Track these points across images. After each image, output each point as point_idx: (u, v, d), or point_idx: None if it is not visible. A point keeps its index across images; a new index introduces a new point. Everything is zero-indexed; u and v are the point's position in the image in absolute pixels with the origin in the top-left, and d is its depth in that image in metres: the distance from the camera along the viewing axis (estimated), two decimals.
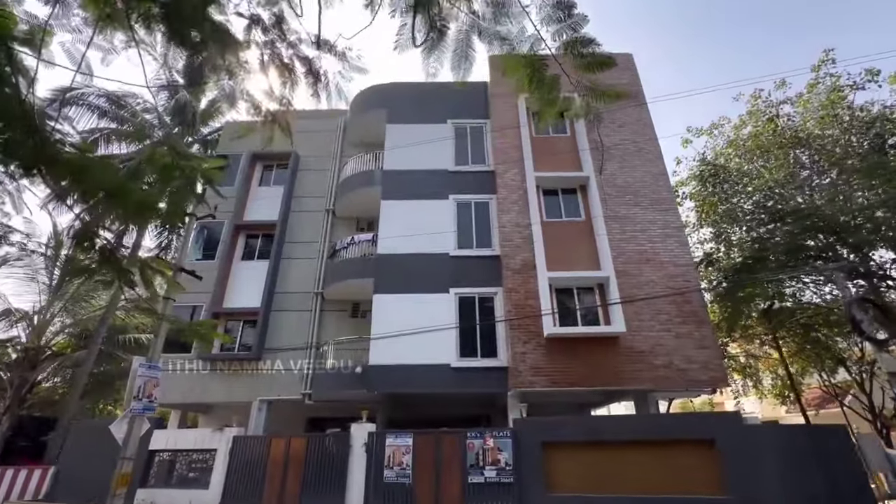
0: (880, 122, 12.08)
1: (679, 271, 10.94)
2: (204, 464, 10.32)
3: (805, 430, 7.74)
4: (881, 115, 12.21)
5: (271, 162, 15.55)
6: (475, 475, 8.23)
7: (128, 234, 9.72)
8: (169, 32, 4.11)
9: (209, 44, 4.19)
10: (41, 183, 5.29)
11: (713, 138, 16.13)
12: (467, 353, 10.74)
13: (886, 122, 12.20)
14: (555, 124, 4.29)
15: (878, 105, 12.58)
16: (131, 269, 5.73)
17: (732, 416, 8.04)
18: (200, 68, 4.74)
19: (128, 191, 4.74)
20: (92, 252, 5.92)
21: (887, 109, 12.44)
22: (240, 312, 12.62)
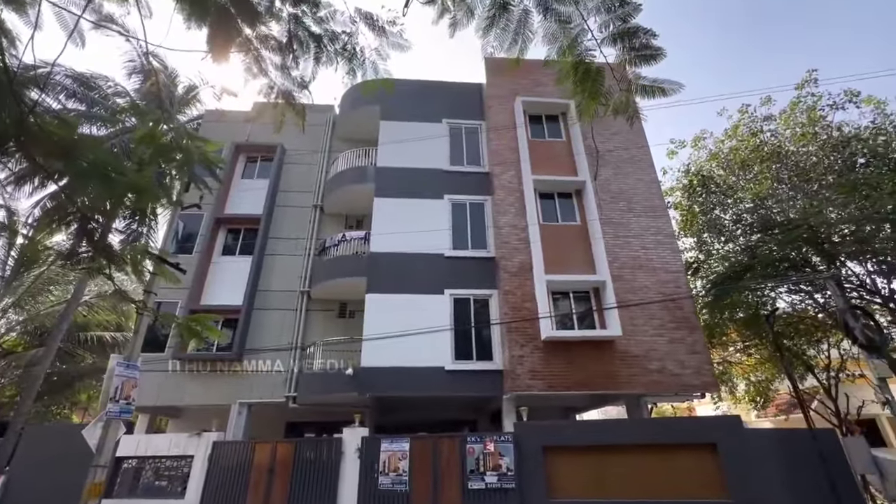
0: (854, 142, 12.76)
1: (671, 277, 11.12)
2: (177, 471, 9.63)
3: (800, 433, 7.94)
4: (855, 136, 12.91)
5: (255, 154, 14.90)
6: (475, 481, 7.99)
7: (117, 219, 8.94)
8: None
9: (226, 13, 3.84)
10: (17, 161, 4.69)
11: (697, 150, 16.68)
12: (462, 355, 10.53)
13: (858, 143, 12.91)
14: (590, 118, 4.15)
15: (852, 126, 13.32)
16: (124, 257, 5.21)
17: (733, 420, 8.16)
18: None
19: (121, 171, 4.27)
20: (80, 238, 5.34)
21: (859, 130, 13.17)
22: (219, 310, 11.90)
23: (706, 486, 7.44)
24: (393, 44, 4.00)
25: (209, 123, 15.25)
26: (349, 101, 14.52)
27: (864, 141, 12.75)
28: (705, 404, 20.06)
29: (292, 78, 4.75)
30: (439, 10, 3.70)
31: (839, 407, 14.45)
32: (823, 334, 14.74)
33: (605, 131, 12.92)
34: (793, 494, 7.29)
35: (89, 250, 5.25)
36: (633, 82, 3.88)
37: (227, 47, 3.94)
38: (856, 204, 11.12)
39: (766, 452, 7.63)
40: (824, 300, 13.36)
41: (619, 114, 4.22)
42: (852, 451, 7.83)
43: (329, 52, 4.07)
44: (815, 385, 15.50)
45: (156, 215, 15.02)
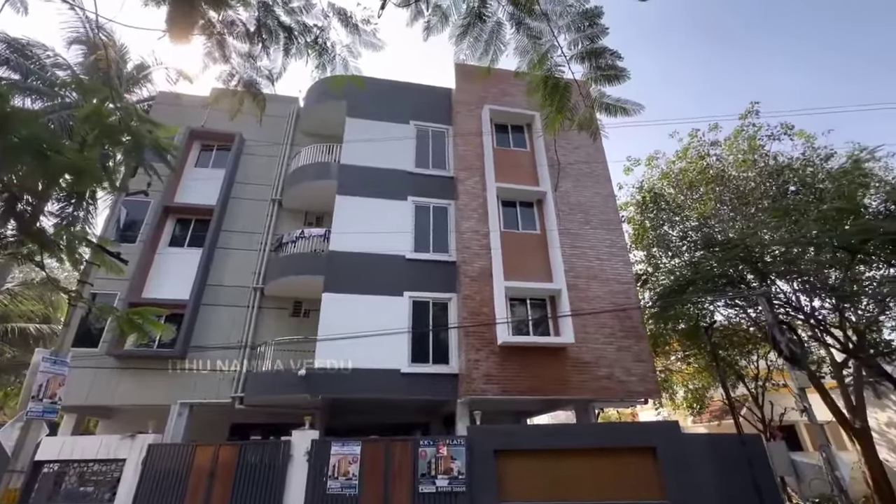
0: (787, 171, 13.96)
1: (622, 288, 11.65)
2: (105, 476, 8.96)
3: (730, 438, 8.54)
4: (787, 165, 14.12)
5: (212, 141, 14.21)
6: (426, 484, 7.97)
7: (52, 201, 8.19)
8: None
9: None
10: None
11: (651, 169, 17.63)
12: (419, 358, 10.51)
13: (790, 172, 14.13)
14: (555, 132, 4.31)
15: (786, 156, 14.58)
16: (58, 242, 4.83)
17: (671, 426, 8.66)
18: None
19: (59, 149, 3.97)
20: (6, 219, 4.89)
21: (791, 160, 14.43)
22: (163, 304, 11.17)
23: (646, 488, 7.83)
24: (366, 42, 3.97)
25: (162, 106, 14.38)
26: (315, 94, 14.17)
27: (795, 171, 13.97)
28: (647, 410, 21.13)
29: (257, 67, 4.59)
30: (413, 13, 3.72)
31: (764, 414, 15.65)
32: (754, 346, 15.93)
33: (567, 144, 13.39)
34: (722, 495, 7.83)
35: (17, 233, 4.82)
36: (598, 100, 4.06)
37: (188, 29, 3.74)
38: (786, 228, 12.12)
39: (700, 456, 8.15)
40: (756, 315, 14.46)
41: (583, 129, 4.40)
42: (774, 455, 8.52)
43: (299, 44, 3.97)
44: (745, 393, 16.70)
45: (96, 199, 13.94)
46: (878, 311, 12.07)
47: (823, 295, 12.61)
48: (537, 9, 3.30)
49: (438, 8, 3.51)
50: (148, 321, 5.16)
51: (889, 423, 15.00)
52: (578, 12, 3.53)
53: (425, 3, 3.67)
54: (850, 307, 12.54)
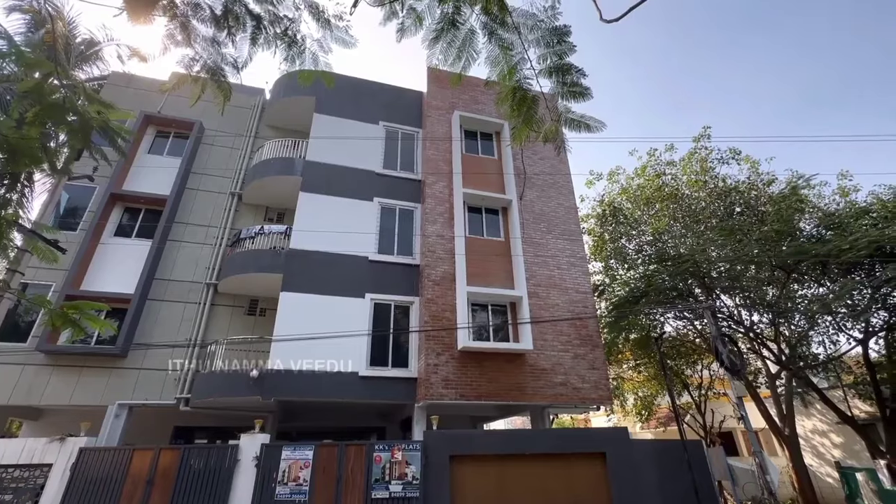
0: (734, 193, 14.93)
1: (580, 297, 12.00)
2: (27, 483, 8.23)
3: (674, 444, 8.95)
4: (734, 188, 15.11)
5: (168, 128, 13.51)
6: (379, 490, 7.85)
7: None
8: None
9: None
10: None
11: (611, 183, 18.36)
12: (378, 361, 10.37)
13: (737, 194, 15.12)
14: (521, 142, 4.41)
15: (733, 179, 15.60)
16: None
17: (621, 432, 8.98)
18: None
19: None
20: None
21: (738, 183, 15.45)
22: (105, 298, 10.45)
23: (595, 493, 8.08)
24: (337, 38, 3.90)
25: (114, 87, 13.57)
26: (283, 87, 13.79)
27: (741, 193, 14.96)
28: (600, 416, 21.85)
29: (222, 54, 4.41)
30: (388, 14, 3.70)
31: (706, 421, 16.55)
32: (699, 357, 16.86)
33: (533, 155, 13.71)
34: (666, 498, 8.19)
35: None
36: (563, 114, 4.19)
37: (148, 8, 3.55)
38: (731, 246, 12.94)
39: (647, 461, 8.50)
40: (702, 327, 15.32)
41: (549, 141, 4.52)
42: (713, 460, 9.01)
43: (268, 34, 3.85)
44: (690, 401, 17.61)
45: (33, 181, 12.89)
46: (808, 326, 13.09)
47: (762, 310, 13.55)
48: (510, 20, 3.37)
49: (413, 10, 3.51)
50: (86, 316, 4.81)
51: (814, 430, 16.27)
52: (548, 28, 3.63)
53: (400, 4, 3.66)
54: (785, 322, 13.54)
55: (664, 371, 11.52)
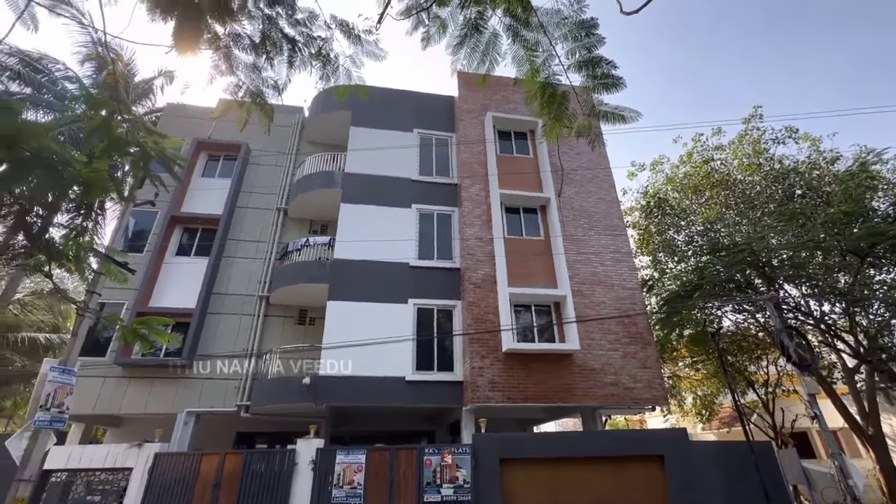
0: (793, 175, 13.88)
1: (627, 294, 11.58)
2: (112, 485, 8.98)
3: (740, 445, 8.42)
4: (793, 168, 14.04)
5: (218, 152, 14.39)
6: (431, 493, 7.92)
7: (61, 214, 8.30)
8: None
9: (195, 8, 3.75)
10: None
11: (655, 174, 17.60)
12: (423, 366, 10.49)
13: (796, 175, 14.05)
14: (553, 139, 4.35)
15: (791, 160, 14.51)
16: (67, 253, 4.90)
17: (679, 433, 8.54)
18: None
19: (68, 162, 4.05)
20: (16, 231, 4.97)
21: (797, 164, 14.35)
22: (170, 313, 11.29)
23: (653, 497, 7.73)
24: (368, 52, 4.03)
25: (169, 117, 14.62)
26: (320, 104, 14.35)
27: (801, 174, 13.88)
28: (656, 417, 20.89)
29: (263, 78, 4.67)
30: (414, 23, 3.78)
31: (775, 420, 15.41)
32: (763, 352, 15.74)
33: (570, 151, 13.42)
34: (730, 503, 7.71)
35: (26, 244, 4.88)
36: (596, 108, 4.09)
37: (194, 43, 3.82)
38: (793, 232, 12.03)
39: (709, 464, 8.03)
40: (764, 320, 14.31)
41: (582, 136, 4.43)
42: (785, 463, 8.37)
43: (303, 55, 4.04)
44: (755, 399, 16.47)
45: (105, 210, 14.14)
46: (889, 314, 11.90)
47: (833, 299, 12.46)
48: (534, 20, 3.35)
49: (437, 18, 3.57)
50: (154, 331, 5.21)
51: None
52: (575, 22, 3.57)
53: (426, 13, 3.73)
54: (861, 311, 12.37)
55: (724, 368, 10.86)
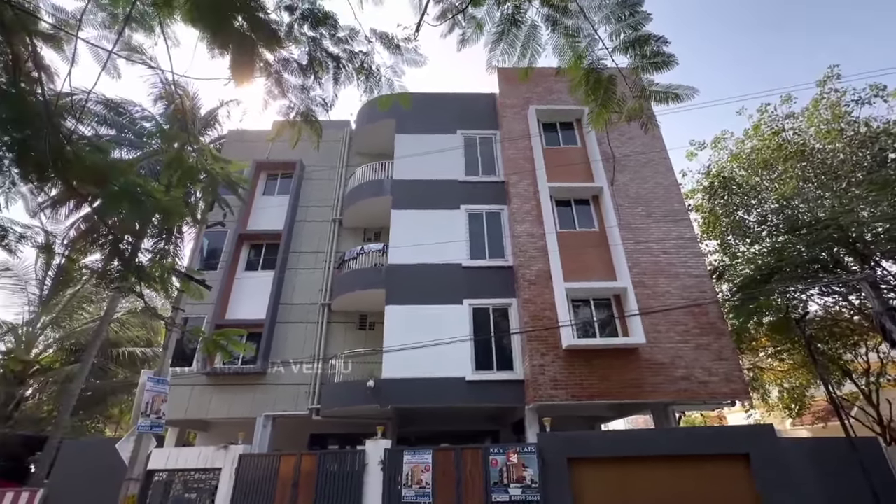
0: (883, 137, 12.34)
1: (694, 282, 10.87)
2: (205, 484, 9.80)
3: (838, 442, 7.60)
4: (884, 130, 12.48)
5: (276, 171, 15.30)
6: (499, 493, 7.89)
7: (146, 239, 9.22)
8: (204, 27, 3.90)
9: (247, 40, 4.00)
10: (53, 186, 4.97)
11: (717, 151, 16.38)
12: (483, 366, 10.48)
13: (888, 137, 12.46)
14: (601, 127, 4.18)
15: (880, 121, 12.89)
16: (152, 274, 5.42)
17: (765, 429, 7.86)
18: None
19: (150, 193, 4.46)
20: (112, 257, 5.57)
21: (889, 124, 12.73)
22: (244, 324, 12.16)
23: (737, 499, 7.17)
24: (408, 60, 4.11)
25: (231, 143, 15.77)
26: (365, 115, 14.82)
27: (893, 136, 12.31)
28: (736, 412, 19.39)
29: (312, 97, 4.92)
30: (450, 25, 3.80)
31: (881, 414, 13.78)
32: (860, 338, 14.13)
33: (621, 136, 12.84)
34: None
35: (120, 269, 5.47)
36: (647, 89, 3.89)
37: (249, 72, 4.10)
38: (888, 201, 10.71)
39: (802, 463, 7.32)
40: (859, 302, 12.84)
41: (634, 120, 4.23)
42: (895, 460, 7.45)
43: (348, 71, 4.20)
44: (854, 391, 14.84)
45: (182, 233, 15.53)
46: None
47: None
48: (573, 6, 3.25)
49: (473, 19, 3.57)
50: (231, 341, 5.64)
51: None
52: (616, 2, 3.42)
53: (461, 14, 3.75)
54: None
55: (812, 357, 9.87)
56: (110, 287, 6.19)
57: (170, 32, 4.13)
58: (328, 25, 4.09)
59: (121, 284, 5.84)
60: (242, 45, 3.91)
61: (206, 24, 3.48)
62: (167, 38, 4.16)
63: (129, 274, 4.93)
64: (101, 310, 16.64)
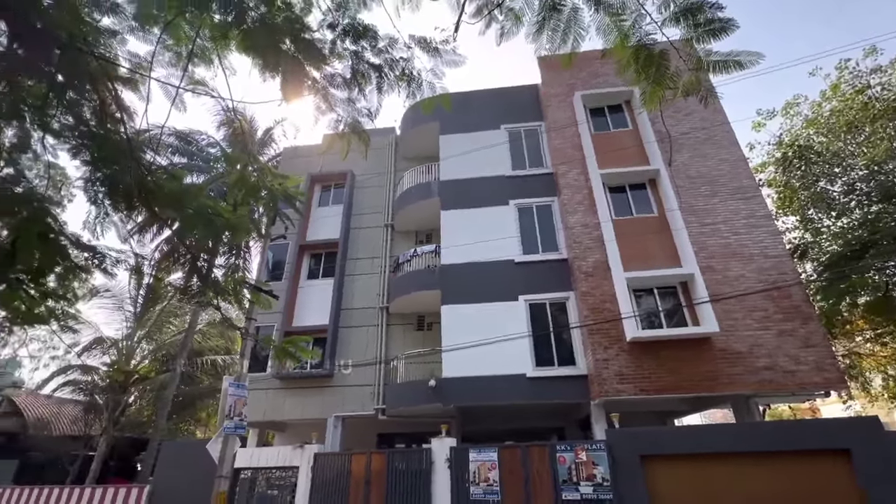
0: None
1: (771, 263, 9.99)
2: (285, 481, 10.43)
3: None
4: None
5: (329, 182, 15.97)
6: (569, 491, 7.70)
7: (218, 256, 10.05)
8: (256, 54, 4.14)
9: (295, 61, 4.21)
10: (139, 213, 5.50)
11: (789, 118, 14.90)
12: (543, 362, 10.30)
13: None
14: (656, 106, 3.93)
15: None
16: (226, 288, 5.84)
17: (869, 422, 7.04)
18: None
19: (219, 213, 4.82)
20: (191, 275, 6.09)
21: None
22: (309, 331, 12.79)
23: (839, 498, 6.47)
24: (447, 61, 4.13)
25: (286, 159, 16.67)
26: (409, 120, 15.09)
27: None
28: (831, 404, 17.55)
29: (357, 109, 5.09)
30: (486, 21, 3.78)
31: None
32: None
33: (676, 113, 12.09)
34: None
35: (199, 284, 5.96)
36: (703, 60, 3.63)
37: (298, 91, 4.33)
38: None
39: None
40: None
41: (691, 94, 3.96)
42: None
43: (390, 79, 4.30)
44: None
45: (249, 248, 16.68)
46: None
47: None
48: None
49: (511, 11, 3.52)
50: (298, 348, 5.98)
51: None
52: None
53: (498, 9, 3.71)
54: None
55: None
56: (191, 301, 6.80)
57: (226, 63, 4.46)
58: (369, 37, 4.21)
59: (200, 299, 6.38)
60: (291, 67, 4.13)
61: (258, 51, 3.72)
62: (224, 68, 4.50)
63: (206, 289, 5.37)
64: (185, 322, 18.29)
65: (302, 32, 3.90)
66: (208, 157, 17.55)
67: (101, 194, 4.08)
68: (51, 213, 3.89)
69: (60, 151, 4.59)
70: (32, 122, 3.92)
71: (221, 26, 3.66)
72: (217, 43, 4.02)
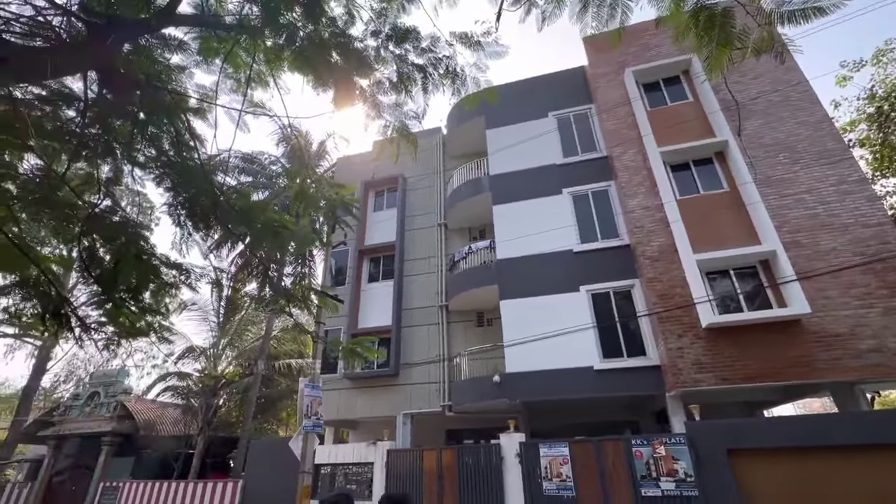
0: None
1: (871, 233, 8.86)
2: (362, 476, 10.90)
3: None
4: None
5: (381, 188, 16.41)
6: (649, 487, 7.36)
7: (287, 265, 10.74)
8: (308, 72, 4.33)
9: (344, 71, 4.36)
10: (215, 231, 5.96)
11: (882, 67, 13.11)
12: (611, 353, 9.91)
13: None
14: (722, 71, 3.58)
15: None
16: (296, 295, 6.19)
17: None
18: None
19: (285, 225, 5.10)
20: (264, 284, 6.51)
21: None
22: (374, 332, 13.26)
23: None
24: (490, 53, 4.11)
25: (341, 169, 17.36)
26: (454, 118, 15.11)
27: None
28: None
29: (404, 112, 5.20)
30: (526, 8, 3.69)
31: None
32: None
33: (742, 77, 11.08)
34: None
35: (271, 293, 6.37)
36: (775, 11, 3.30)
37: (349, 100, 4.51)
38: None
39: None
40: None
41: (763, 53, 3.62)
42: None
43: (434, 78, 4.35)
44: None
45: (313, 256, 17.59)
46: None
47: None
48: None
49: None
50: (365, 348, 6.21)
51: None
52: None
53: None
54: None
55: None
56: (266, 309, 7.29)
57: (281, 83, 4.73)
58: (411, 39, 4.27)
59: (273, 306, 6.82)
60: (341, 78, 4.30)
61: (310, 66, 3.90)
62: (279, 88, 4.77)
63: (278, 297, 5.74)
64: (261, 329, 19.67)
65: (348, 44, 4.04)
66: (271, 173, 18.72)
67: (183, 216, 4.49)
68: (143, 236, 4.34)
69: (146, 181, 5.10)
70: (123, 157, 4.40)
71: (275, 49, 3.88)
72: (272, 65, 4.28)
